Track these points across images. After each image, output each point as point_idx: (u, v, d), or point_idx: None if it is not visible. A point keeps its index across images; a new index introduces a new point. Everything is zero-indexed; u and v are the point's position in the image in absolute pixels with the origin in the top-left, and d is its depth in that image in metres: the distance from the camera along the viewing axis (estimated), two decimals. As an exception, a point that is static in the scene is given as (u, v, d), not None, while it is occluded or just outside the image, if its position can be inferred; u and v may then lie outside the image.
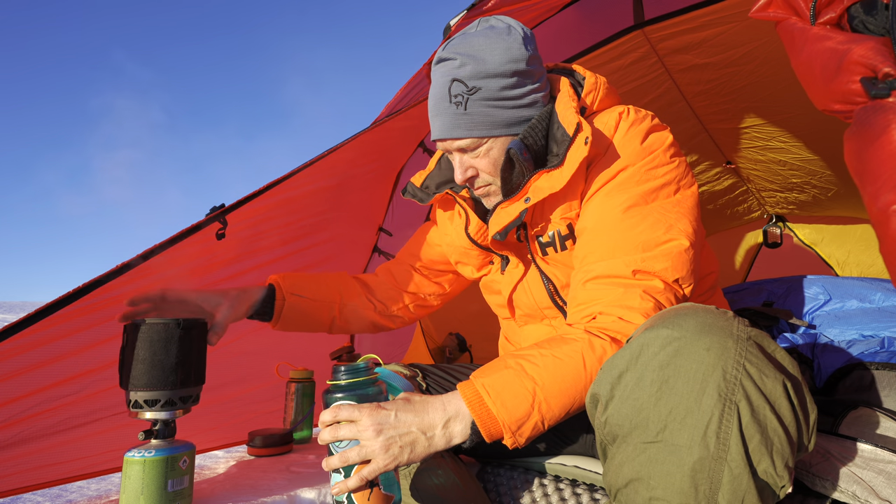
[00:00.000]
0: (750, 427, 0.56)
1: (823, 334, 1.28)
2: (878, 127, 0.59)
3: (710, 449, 0.56)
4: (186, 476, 0.90)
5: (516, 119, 0.88)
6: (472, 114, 0.86)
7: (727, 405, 0.56)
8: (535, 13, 1.41)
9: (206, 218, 1.14)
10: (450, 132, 0.88)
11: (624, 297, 0.75)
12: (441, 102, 0.88)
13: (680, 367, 0.58)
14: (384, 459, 0.69)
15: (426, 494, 0.89)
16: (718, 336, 0.59)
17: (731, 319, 0.62)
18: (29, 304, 9.38)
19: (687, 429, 0.57)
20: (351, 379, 0.79)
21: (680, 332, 0.60)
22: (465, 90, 0.85)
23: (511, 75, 0.86)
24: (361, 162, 1.50)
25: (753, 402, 0.57)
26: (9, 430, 1.04)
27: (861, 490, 0.79)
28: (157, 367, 0.89)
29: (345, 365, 0.81)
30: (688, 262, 0.78)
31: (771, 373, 0.58)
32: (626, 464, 0.61)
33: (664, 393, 0.59)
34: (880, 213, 0.59)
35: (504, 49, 0.86)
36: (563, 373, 0.71)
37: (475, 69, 0.85)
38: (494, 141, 0.88)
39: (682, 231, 0.79)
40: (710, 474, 0.56)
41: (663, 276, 0.76)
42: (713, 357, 0.58)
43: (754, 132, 1.97)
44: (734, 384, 0.57)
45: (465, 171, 0.91)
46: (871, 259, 2.45)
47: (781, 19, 0.78)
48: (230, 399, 1.41)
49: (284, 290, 1.07)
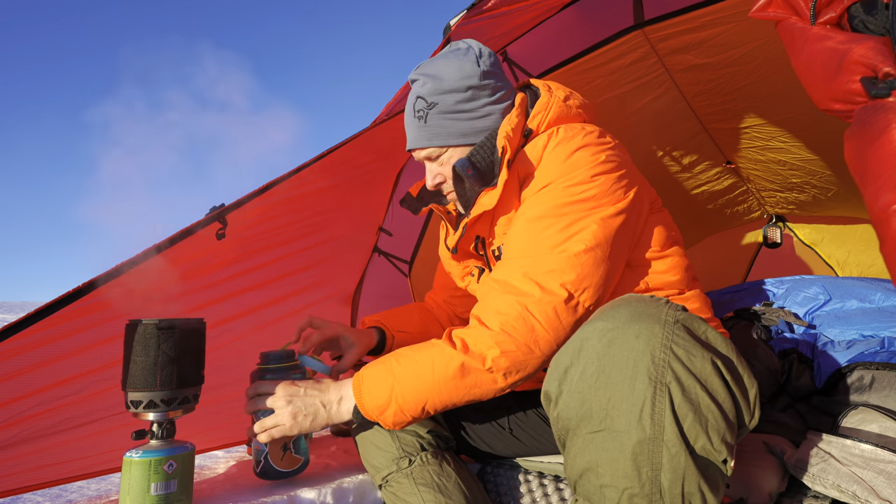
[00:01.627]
0: (682, 406, 0.59)
1: (823, 334, 1.28)
2: (878, 127, 0.59)
3: (647, 431, 0.59)
4: (174, 480, 0.90)
5: (472, 130, 0.96)
6: (432, 126, 0.96)
7: (658, 387, 0.59)
8: (535, 13, 1.41)
9: (206, 218, 1.14)
10: (415, 143, 0.99)
11: (497, 303, 0.80)
12: (409, 118, 1.00)
13: (614, 356, 0.61)
14: (290, 424, 0.87)
15: (427, 492, 0.89)
16: (647, 322, 0.62)
17: (661, 306, 0.65)
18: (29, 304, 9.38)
19: (624, 414, 0.60)
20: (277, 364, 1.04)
21: (613, 322, 0.63)
22: (426, 105, 0.95)
23: (465, 90, 0.95)
24: (361, 162, 1.50)
25: (683, 383, 0.59)
26: (9, 430, 1.04)
27: (861, 490, 0.79)
28: (139, 367, 0.89)
29: (272, 353, 1.06)
30: (580, 266, 0.78)
31: (699, 353, 0.61)
32: (578, 455, 0.64)
33: (602, 382, 0.62)
34: (880, 212, 0.59)
35: (458, 67, 0.95)
36: (416, 372, 0.80)
37: (434, 86, 0.95)
38: (454, 150, 0.97)
39: (579, 238, 0.80)
40: (650, 456, 0.59)
41: (545, 281, 0.78)
42: (642, 343, 0.61)
43: (754, 132, 1.97)
44: (663, 367, 0.60)
45: (434, 177, 1.01)
46: (871, 259, 2.45)
47: (781, 19, 0.78)
48: (230, 399, 1.41)
49: (392, 329, 1.20)
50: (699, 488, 0.59)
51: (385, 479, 0.93)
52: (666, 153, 2.13)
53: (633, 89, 1.76)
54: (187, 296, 1.28)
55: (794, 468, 0.87)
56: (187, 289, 1.27)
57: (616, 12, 1.53)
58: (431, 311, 1.31)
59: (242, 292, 1.42)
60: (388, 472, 0.93)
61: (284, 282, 1.54)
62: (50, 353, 1.06)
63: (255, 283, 1.44)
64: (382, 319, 1.21)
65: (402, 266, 1.88)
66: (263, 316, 1.50)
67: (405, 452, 0.93)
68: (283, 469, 1.04)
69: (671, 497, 0.59)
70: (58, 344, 1.06)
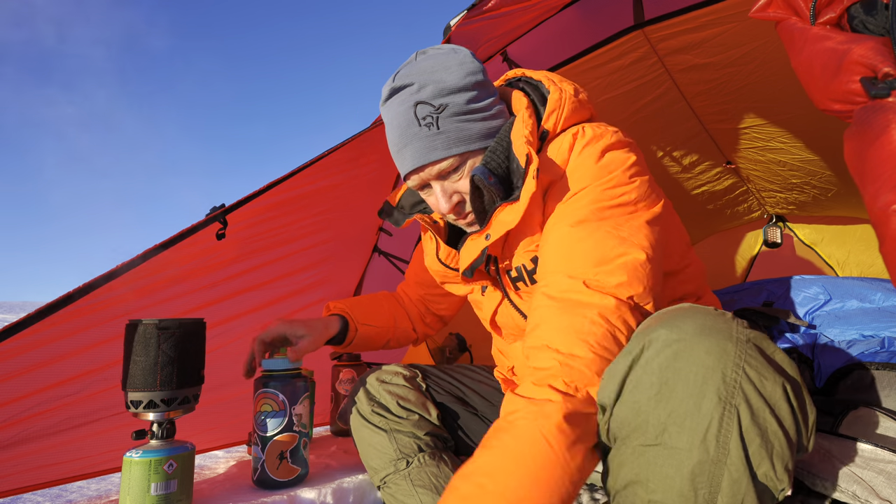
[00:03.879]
0: (750, 430, 0.56)
1: (823, 334, 1.28)
2: (878, 127, 0.59)
3: (710, 452, 0.56)
4: (174, 480, 0.90)
5: (489, 130, 0.83)
6: (447, 131, 0.80)
7: (727, 408, 0.56)
8: (535, 13, 1.41)
9: (206, 218, 1.14)
10: (427, 156, 0.81)
11: (572, 325, 0.66)
12: (409, 129, 0.81)
13: (680, 369, 0.58)
14: None
15: (425, 494, 0.89)
16: (718, 338, 0.58)
17: (730, 321, 0.61)
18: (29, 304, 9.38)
19: (686, 432, 0.57)
20: (280, 371, 1.07)
21: (679, 333, 0.59)
22: (433, 110, 0.80)
23: (473, 88, 0.82)
24: (361, 162, 1.50)
25: (753, 406, 0.56)
26: (9, 430, 1.04)
27: (861, 490, 0.79)
28: (139, 367, 0.89)
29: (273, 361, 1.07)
30: (646, 277, 0.70)
31: (771, 375, 0.58)
32: (625, 466, 0.61)
33: (664, 396, 0.58)
34: (880, 212, 0.59)
35: (458, 64, 0.82)
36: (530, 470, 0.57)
37: (436, 88, 0.80)
38: (475, 157, 0.83)
39: (636, 244, 0.72)
40: (710, 478, 0.56)
41: (617, 293, 0.68)
42: (713, 360, 0.57)
43: (754, 132, 1.97)
44: (734, 387, 0.56)
45: (450, 197, 0.84)
46: (871, 259, 2.45)
47: (781, 19, 0.78)
48: (230, 399, 1.41)
49: (356, 321, 1.13)
50: None
51: (383, 480, 0.93)
52: (666, 153, 2.13)
53: (633, 89, 1.76)
54: (187, 296, 1.28)
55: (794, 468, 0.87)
56: (187, 289, 1.27)
57: (616, 12, 1.53)
58: (402, 304, 1.23)
59: (242, 292, 1.42)
60: (386, 473, 0.92)
61: (284, 282, 1.54)
62: (50, 353, 1.06)
63: (255, 283, 1.44)
64: (348, 308, 1.14)
65: (402, 266, 1.88)
66: (263, 316, 1.50)
67: (402, 454, 0.93)
68: (279, 479, 1.04)
69: None
70: (58, 344, 1.06)
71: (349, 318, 1.12)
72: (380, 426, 0.95)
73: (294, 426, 1.05)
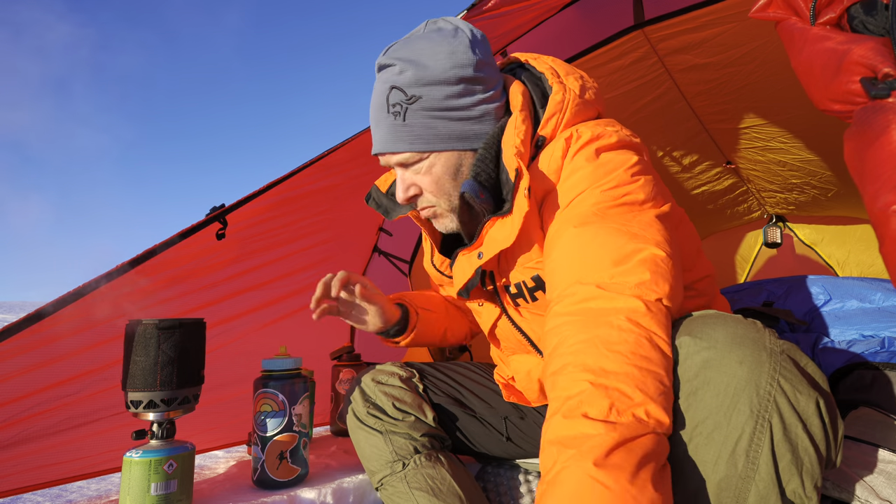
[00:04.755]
0: (781, 446, 0.53)
1: (823, 334, 1.28)
2: (878, 127, 0.59)
3: (738, 467, 0.53)
4: (174, 480, 0.90)
5: (463, 133, 0.78)
6: (412, 125, 0.77)
7: (759, 422, 0.53)
8: (535, 13, 1.41)
9: (206, 218, 1.15)
10: (388, 145, 0.79)
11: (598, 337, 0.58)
12: (379, 112, 0.79)
13: (710, 379, 0.55)
14: None
15: (422, 496, 0.89)
16: (752, 349, 0.55)
17: (762, 331, 0.57)
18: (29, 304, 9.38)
19: (714, 444, 0.54)
20: (281, 372, 1.06)
21: (709, 342, 0.56)
22: (404, 99, 0.76)
23: (456, 82, 0.77)
24: (361, 162, 1.50)
25: (786, 420, 0.53)
26: (9, 430, 1.04)
27: (861, 490, 0.78)
28: (139, 367, 0.89)
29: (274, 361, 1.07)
30: (669, 274, 0.62)
31: (805, 390, 0.55)
32: None
33: (691, 405, 0.55)
34: (880, 213, 0.59)
35: (448, 53, 0.76)
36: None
37: (415, 75, 0.76)
38: (437, 156, 0.79)
39: (651, 239, 0.64)
40: (736, 493, 0.54)
41: (642, 293, 0.60)
42: (746, 371, 0.54)
43: (754, 132, 1.97)
44: (767, 400, 0.53)
45: (407, 189, 0.82)
46: (871, 259, 2.45)
47: (781, 19, 0.78)
48: (230, 399, 1.41)
49: (415, 305, 1.02)
50: None
51: (380, 482, 0.93)
52: (666, 153, 2.13)
53: (633, 89, 1.76)
54: (187, 296, 1.28)
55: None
56: (187, 289, 1.27)
57: (616, 12, 1.53)
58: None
59: (242, 292, 1.42)
60: (383, 475, 0.92)
61: (284, 282, 1.54)
62: (50, 353, 1.06)
63: (255, 283, 1.44)
64: (400, 297, 1.03)
65: (402, 266, 1.88)
66: (263, 316, 1.50)
67: (399, 456, 0.92)
68: (279, 479, 1.04)
69: None
70: (58, 344, 1.06)
71: (408, 305, 1.01)
72: (375, 428, 0.94)
73: (294, 426, 1.06)
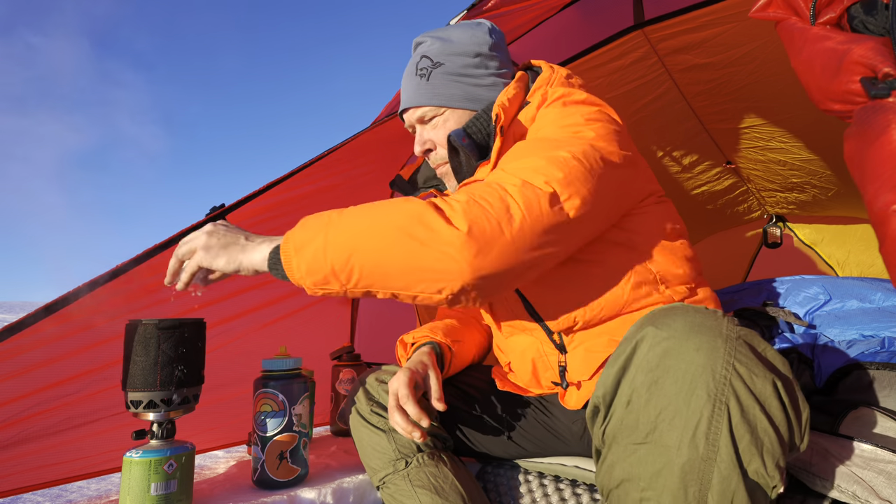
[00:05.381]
0: (740, 427, 0.56)
1: (823, 334, 1.27)
2: (878, 127, 0.59)
3: (700, 450, 0.56)
4: (174, 480, 0.90)
5: (474, 96, 0.94)
6: (434, 85, 0.93)
7: (717, 406, 0.56)
8: (535, 13, 1.41)
9: (205, 218, 1.14)
10: (412, 101, 0.95)
11: (472, 189, 0.72)
12: (409, 76, 0.96)
13: (669, 367, 0.58)
14: (204, 242, 0.77)
15: (424, 494, 0.89)
16: (708, 336, 0.58)
17: (720, 318, 0.61)
18: (29, 304, 9.38)
19: (676, 430, 0.57)
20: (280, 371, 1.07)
21: (669, 331, 0.59)
22: (431, 64, 0.93)
23: (474, 56, 0.94)
24: (361, 162, 1.50)
25: (743, 403, 0.56)
26: (9, 430, 1.04)
27: (861, 490, 0.78)
28: (139, 367, 0.89)
29: (274, 361, 1.08)
30: (566, 168, 0.72)
31: (761, 372, 0.58)
32: (617, 464, 0.62)
33: (654, 394, 0.58)
34: (880, 212, 0.59)
35: (470, 34, 0.95)
36: (360, 212, 0.73)
37: (442, 47, 0.93)
38: (451, 112, 0.94)
39: (570, 150, 0.75)
40: (700, 475, 0.56)
41: (528, 177, 0.72)
42: (703, 357, 0.57)
43: (754, 132, 1.97)
44: (724, 384, 0.56)
45: (423, 143, 0.97)
46: (871, 259, 2.45)
47: (781, 19, 0.78)
48: (230, 399, 1.41)
49: (446, 340, 1.04)
50: None
51: (382, 480, 0.93)
52: (666, 153, 2.13)
53: (633, 89, 1.76)
54: (187, 295, 1.28)
55: (794, 468, 0.87)
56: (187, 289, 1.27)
57: (616, 12, 1.53)
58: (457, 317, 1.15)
59: (242, 292, 1.42)
60: (385, 473, 0.92)
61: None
62: (50, 352, 1.06)
63: (256, 283, 1.44)
64: (429, 333, 1.03)
65: (402, 266, 1.88)
66: (263, 316, 1.50)
67: (401, 454, 0.93)
68: (279, 479, 1.04)
69: None
70: (58, 344, 1.06)
71: (436, 341, 1.03)
72: (378, 426, 0.95)
73: (294, 426, 1.06)
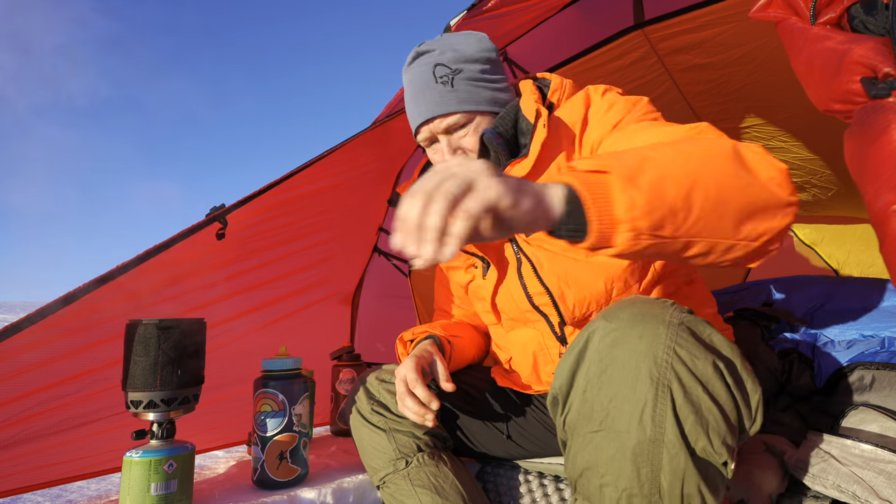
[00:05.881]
0: (684, 408, 0.58)
1: (823, 334, 1.27)
2: (878, 127, 0.59)
3: (647, 432, 0.58)
4: (174, 480, 0.90)
5: (496, 99, 0.94)
6: (459, 90, 0.91)
7: (660, 388, 0.58)
8: (535, 13, 1.41)
9: (206, 218, 1.14)
10: (439, 108, 0.91)
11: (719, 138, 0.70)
12: (426, 85, 0.92)
13: (616, 356, 0.61)
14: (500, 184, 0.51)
15: (424, 494, 0.89)
16: (651, 323, 0.61)
17: (666, 307, 0.64)
18: (29, 305, 9.38)
19: (625, 415, 0.59)
20: (281, 372, 1.07)
21: (616, 322, 0.62)
22: (450, 71, 0.91)
23: (486, 62, 0.94)
24: (361, 162, 1.50)
25: (686, 384, 0.59)
26: (9, 430, 1.04)
27: (861, 490, 0.79)
28: (139, 367, 0.89)
29: (274, 361, 1.08)
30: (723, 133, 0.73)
31: (702, 355, 0.60)
32: (578, 454, 0.64)
33: (604, 382, 0.61)
34: (880, 212, 0.59)
35: (476, 41, 0.95)
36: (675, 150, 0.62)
37: (455, 55, 0.92)
38: (482, 118, 0.92)
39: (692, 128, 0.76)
40: (650, 456, 0.58)
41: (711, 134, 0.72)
42: (645, 344, 0.60)
43: (754, 132, 1.97)
44: (666, 368, 0.59)
45: (455, 152, 0.93)
46: (871, 259, 2.45)
47: (781, 19, 0.78)
48: (230, 399, 1.41)
49: (445, 334, 1.04)
50: (699, 490, 0.59)
51: (382, 480, 0.93)
52: (666, 153, 2.13)
53: (633, 89, 1.75)
54: (187, 296, 1.28)
55: (795, 468, 0.87)
56: (187, 289, 1.27)
57: (616, 12, 1.53)
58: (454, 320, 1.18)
59: (242, 292, 1.42)
60: (386, 473, 0.92)
61: (284, 282, 1.54)
62: (50, 352, 1.06)
63: (255, 283, 1.44)
64: (428, 329, 1.05)
65: (402, 266, 1.88)
66: (263, 316, 1.50)
67: (402, 454, 0.93)
68: (279, 479, 1.04)
69: (670, 498, 0.59)
70: (58, 344, 1.06)
71: (436, 335, 1.03)
72: (379, 426, 0.95)
73: (294, 426, 1.06)
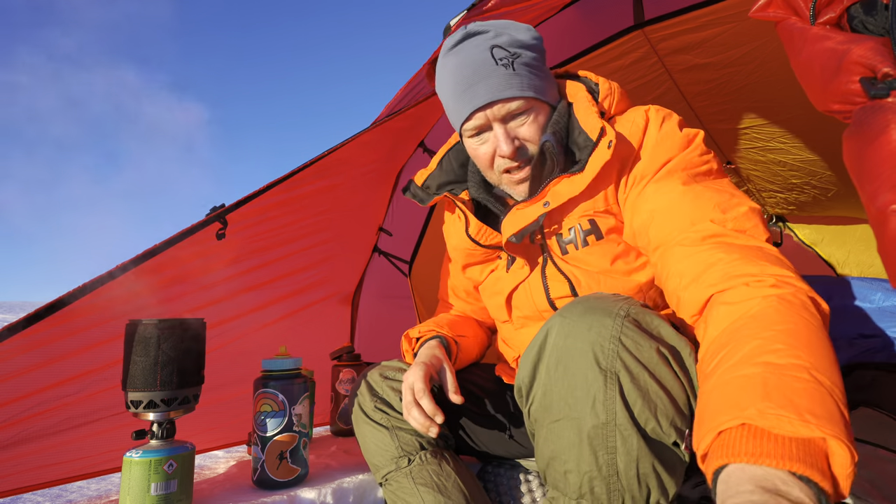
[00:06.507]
0: (632, 393, 0.62)
1: (823, 334, 1.28)
2: (877, 127, 0.59)
3: (600, 417, 0.62)
4: (174, 480, 0.90)
5: (548, 89, 0.89)
6: (521, 75, 0.85)
7: (608, 376, 0.62)
8: (536, 13, 1.41)
9: (206, 218, 1.14)
10: (502, 92, 0.84)
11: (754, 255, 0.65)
12: (485, 66, 0.85)
13: (570, 347, 0.64)
14: None
15: (426, 492, 0.89)
16: (599, 315, 0.65)
17: (617, 301, 0.67)
18: (29, 304, 9.39)
19: (580, 402, 0.63)
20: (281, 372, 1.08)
21: (570, 317, 0.66)
22: (509, 55, 0.85)
23: (538, 51, 0.89)
24: (361, 162, 1.50)
25: (632, 371, 0.62)
26: (9, 430, 1.04)
27: (861, 490, 0.79)
28: (139, 367, 0.89)
29: (274, 361, 1.09)
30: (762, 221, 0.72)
31: (647, 343, 0.64)
32: (543, 444, 0.67)
33: (561, 373, 0.65)
34: (879, 212, 0.59)
35: (525, 29, 0.90)
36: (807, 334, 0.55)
37: (511, 39, 0.86)
38: (542, 106, 0.87)
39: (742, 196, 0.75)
40: (605, 440, 0.62)
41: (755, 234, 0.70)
42: (594, 335, 0.64)
43: (754, 132, 1.97)
44: (613, 356, 0.63)
45: (512, 140, 0.86)
46: (871, 259, 2.45)
47: (781, 19, 0.78)
48: (230, 399, 1.41)
49: (452, 334, 1.04)
50: (654, 469, 0.62)
51: (385, 477, 0.93)
52: (666, 153, 2.13)
53: (633, 89, 1.76)
54: (187, 296, 1.28)
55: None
56: (187, 289, 1.27)
57: (616, 12, 1.53)
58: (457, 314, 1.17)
59: (242, 292, 1.42)
60: (388, 470, 0.93)
61: (284, 282, 1.54)
62: (50, 353, 1.06)
63: (255, 283, 1.45)
64: (435, 327, 1.03)
65: (402, 266, 1.88)
66: (263, 316, 1.50)
67: (404, 452, 0.93)
68: (279, 479, 1.04)
69: (627, 478, 0.62)
70: (58, 344, 1.06)
71: (443, 336, 1.02)
72: (382, 423, 0.95)
73: (294, 426, 1.06)
